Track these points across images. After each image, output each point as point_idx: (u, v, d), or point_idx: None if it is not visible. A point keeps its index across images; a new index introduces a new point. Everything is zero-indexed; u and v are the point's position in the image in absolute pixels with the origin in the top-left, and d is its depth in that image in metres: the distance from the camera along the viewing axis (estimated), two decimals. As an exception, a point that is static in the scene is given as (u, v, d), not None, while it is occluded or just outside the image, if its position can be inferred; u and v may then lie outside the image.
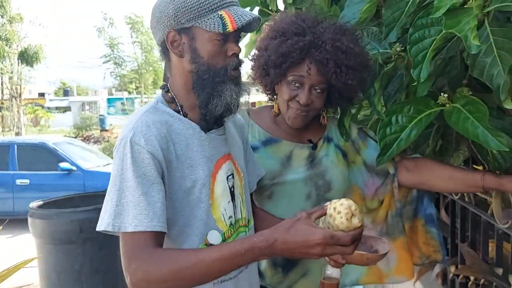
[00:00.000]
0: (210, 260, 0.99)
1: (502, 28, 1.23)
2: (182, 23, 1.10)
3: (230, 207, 1.20)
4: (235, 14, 1.08)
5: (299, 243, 0.96)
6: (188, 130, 1.15)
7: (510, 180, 1.29)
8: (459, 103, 1.34)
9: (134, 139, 1.06)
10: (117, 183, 1.04)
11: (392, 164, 1.50)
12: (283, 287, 1.50)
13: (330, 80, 1.35)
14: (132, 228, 1.00)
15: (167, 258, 1.01)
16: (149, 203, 1.02)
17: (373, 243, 1.19)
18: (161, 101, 1.18)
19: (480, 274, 1.55)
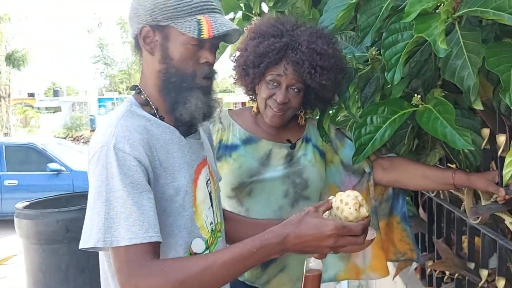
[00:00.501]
0: (222, 263, 0.94)
1: (472, 32, 1.28)
2: (158, 20, 1.05)
3: (210, 213, 1.16)
4: (214, 22, 1.03)
5: (312, 236, 0.93)
6: (167, 135, 1.09)
7: (479, 177, 1.35)
8: (430, 104, 1.40)
9: (118, 145, 0.97)
10: (103, 195, 0.95)
11: (368, 163, 1.56)
12: (261, 282, 1.55)
13: (306, 80, 1.40)
14: (126, 241, 0.92)
15: (170, 268, 0.94)
16: (142, 213, 0.94)
17: None
18: (134, 103, 1.11)
19: (453, 269, 1.60)
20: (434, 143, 1.72)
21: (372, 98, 1.58)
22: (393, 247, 1.65)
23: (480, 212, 1.37)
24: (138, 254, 0.93)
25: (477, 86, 1.25)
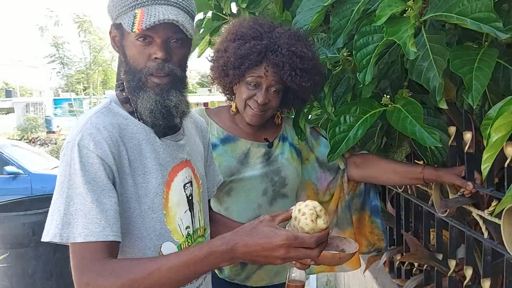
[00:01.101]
0: (168, 268, 0.91)
1: (437, 35, 1.35)
2: (114, 18, 1.04)
3: (187, 217, 1.13)
4: (148, 14, 0.97)
5: (261, 245, 0.89)
6: (141, 135, 1.06)
7: (447, 172, 1.43)
8: (399, 103, 1.46)
9: (82, 142, 0.97)
10: (65, 190, 0.95)
11: (342, 160, 1.61)
12: (241, 278, 1.57)
13: (286, 81, 1.43)
14: (81, 238, 0.92)
15: (120, 269, 0.92)
16: (101, 211, 0.93)
17: (338, 243, 1.18)
18: (114, 101, 1.10)
19: (422, 260, 1.68)
20: (401, 141, 1.80)
21: (344, 98, 1.63)
22: (365, 240, 1.71)
23: (449, 205, 1.45)
24: (93, 252, 0.92)
25: (442, 86, 1.32)
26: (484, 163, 0.90)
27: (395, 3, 1.29)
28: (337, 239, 1.19)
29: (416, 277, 1.85)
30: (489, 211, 1.32)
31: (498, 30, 1.15)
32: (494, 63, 1.21)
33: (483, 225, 1.35)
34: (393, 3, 1.29)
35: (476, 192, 1.39)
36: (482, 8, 1.18)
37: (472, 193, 1.39)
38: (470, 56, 1.26)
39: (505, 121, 0.85)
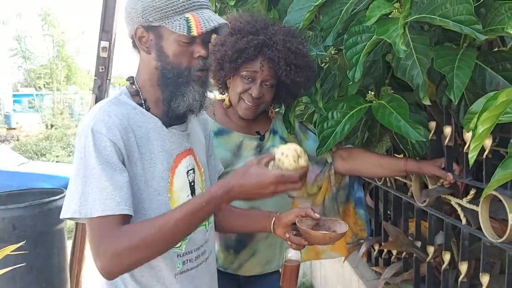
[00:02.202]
0: (175, 220, 1.02)
1: (420, 36, 1.44)
2: (150, 21, 1.10)
3: None
4: (201, 18, 1.08)
5: (254, 185, 1.03)
6: (149, 124, 1.16)
7: (427, 164, 1.52)
8: (384, 100, 1.55)
9: (96, 127, 1.06)
10: (81, 171, 1.04)
11: (330, 154, 1.69)
12: (234, 267, 1.63)
13: (281, 76, 1.49)
14: (99, 213, 1.01)
15: (133, 229, 1.02)
16: (115, 188, 1.03)
17: (330, 224, 1.27)
18: (125, 93, 1.19)
19: (402, 247, 1.79)
20: (382, 135, 1.89)
21: (330, 94, 1.71)
22: (349, 230, 1.80)
23: (430, 194, 1.55)
24: (109, 224, 1.02)
25: (425, 84, 1.41)
26: (471, 152, 0.98)
27: (383, 4, 1.37)
28: (329, 221, 1.29)
29: (394, 264, 1.96)
30: (468, 199, 1.42)
31: (477, 32, 1.25)
32: (473, 62, 1.31)
33: (461, 212, 1.46)
34: (382, 4, 1.37)
35: (454, 182, 1.50)
36: (464, 11, 1.28)
37: (450, 183, 1.50)
38: (451, 56, 1.36)
39: (490, 115, 0.93)
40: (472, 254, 1.46)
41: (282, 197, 1.64)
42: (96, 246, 1.02)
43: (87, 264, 3.50)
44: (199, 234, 1.25)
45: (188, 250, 1.21)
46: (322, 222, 1.27)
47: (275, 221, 1.30)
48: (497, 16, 1.32)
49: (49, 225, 3.18)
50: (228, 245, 1.61)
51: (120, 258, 1.00)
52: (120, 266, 1.02)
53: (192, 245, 1.22)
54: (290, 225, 1.27)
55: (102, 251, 1.01)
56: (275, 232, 1.31)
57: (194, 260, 1.23)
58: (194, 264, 1.23)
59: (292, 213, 1.28)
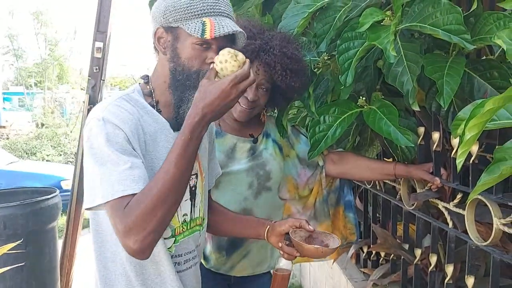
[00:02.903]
0: (174, 163, 1.03)
1: (411, 43, 1.48)
2: (170, 22, 1.12)
3: (187, 205, 1.22)
4: (218, 24, 1.09)
5: (219, 97, 1.04)
6: (157, 125, 1.17)
7: (416, 168, 1.56)
8: (375, 105, 1.59)
9: (108, 117, 1.07)
10: (97, 159, 1.04)
11: (321, 157, 1.72)
12: (226, 268, 1.65)
13: (276, 81, 1.52)
14: (119, 193, 1.01)
15: (140, 195, 1.02)
16: (132, 167, 1.03)
17: (323, 238, 1.30)
18: (138, 90, 1.20)
19: (391, 250, 1.82)
20: (372, 140, 1.93)
21: (322, 99, 1.74)
22: (339, 233, 1.83)
23: (418, 198, 1.59)
24: (127, 202, 1.02)
25: (415, 90, 1.45)
26: (458, 157, 1.01)
27: (376, 12, 1.41)
28: (322, 235, 1.32)
29: (383, 266, 2.00)
30: (454, 203, 1.46)
31: (466, 41, 1.29)
32: (462, 70, 1.35)
33: (448, 215, 1.50)
34: (374, 12, 1.41)
35: (441, 186, 1.54)
36: (453, 21, 1.32)
37: (438, 187, 1.54)
38: (441, 63, 1.40)
39: (477, 122, 0.96)
40: (458, 257, 1.49)
41: (274, 199, 1.67)
42: (118, 228, 1.02)
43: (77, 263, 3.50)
44: (192, 239, 1.25)
45: (177, 253, 1.21)
46: (316, 234, 1.30)
47: (269, 229, 1.32)
48: (485, 26, 1.37)
49: (40, 224, 3.17)
50: (220, 246, 1.63)
51: (143, 227, 1.00)
52: (147, 236, 1.00)
53: (182, 249, 1.22)
54: (284, 234, 1.29)
55: (125, 230, 1.00)
56: (268, 240, 1.33)
57: (182, 263, 1.23)
58: (182, 268, 1.23)
59: (286, 223, 1.29)
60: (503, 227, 1.25)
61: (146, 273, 1.16)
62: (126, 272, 1.15)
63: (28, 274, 3.06)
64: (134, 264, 1.15)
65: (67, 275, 3.37)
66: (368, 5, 1.53)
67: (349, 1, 1.55)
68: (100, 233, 1.17)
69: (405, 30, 1.51)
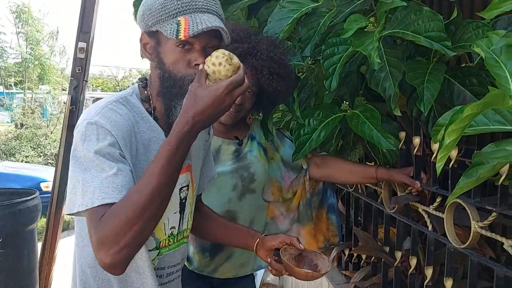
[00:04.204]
0: (156, 175, 0.94)
1: (393, 49, 1.51)
2: (149, 26, 1.06)
3: (175, 218, 1.18)
4: (192, 21, 1.01)
5: (212, 105, 0.95)
6: (152, 133, 1.11)
7: (398, 172, 1.59)
8: (358, 109, 1.61)
9: (100, 121, 1.01)
10: (83, 163, 0.99)
11: (305, 160, 1.74)
12: (209, 270, 1.65)
13: (263, 85, 1.53)
14: (99, 201, 0.94)
15: (118, 205, 0.94)
16: (116, 175, 0.97)
17: (313, 257, 1.29)
18: (136, 93, 1.14)
19: (372, 252, 1.85)
20: (355, 144, 1.96)
21: (307, 103, 1.77)
22: (322, 235, 1.85)
23: (399, 201, 1.62)
24: (105, 212, 0.95)
25: (397, 95, 1.48)
26: (438, 162, 1.04)
27: (360, 19, 1.44)
28: (312, 254, 1.30)
29: (364, 268, 2.02)
30: (434, 206, 1.50)
31: (447, 48, 1.33)
32: (442, 76, 1.38)
33: (428, 219, 1.53)
34: (358, 18, 1.44)
35: (421, 190, 1.57)
36: (435, 28, 1.36)
37: (418, 191, 1.57)
38: (422, 69, 1.43)
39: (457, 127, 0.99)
40: (437, 259, 1.52)
41: (258, 201, 1.68)
42: (93, 240, 0.94)
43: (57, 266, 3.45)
44: (178, 252, 1.22)
45: (160, 266, 1.18)
46: (306, 253, 1.28)
47: (259, 242, 1.30)
48: (465, 34, 1.41)
49: (19, 226, 3.12)
50: (204, 248, 1.63)
51: (115, 240, 0.92)
52: (119, 251, 0.92)
53: (165, 263, 1.19)
54: (273, 249, 1.27)
55: (97, 242, 0.93)
56: (257, 253, 1.31)
57: (164, 276, 1.19)
58: (164, 280, 1.19)
59: (277, 238, 1.27)
60: (481, 230, 1.28)
61: (129, 280, 1.11)
62: (108, 279, 1.11)
63: (6, 277, 3.01)
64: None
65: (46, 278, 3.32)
66: (352, 11, 1.55)
67: (333, 7, 1.57)
68: (83, 237, 1.13)
69: (388, 37, 1.54)
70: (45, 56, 13.84)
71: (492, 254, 1.53)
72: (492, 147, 1.06)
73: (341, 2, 1.58)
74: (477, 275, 1.32)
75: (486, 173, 1.03)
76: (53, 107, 14.25)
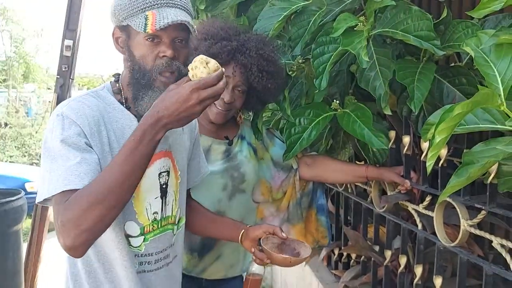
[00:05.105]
0: (118, 165, 0.99)
1: (383, 48, 1.51)
2: (120, 20, 1.12)
3: (156, 203, 1.21)
4: (159, 15, 1.06)
5: (177, 102, 0.98)
6: (125, 121, 1.16)
7: (388, 170, 1.60)
8: (349, 108, 1.61)
9: (67, 113, 1.08)
10: (49, 153, 1.05)
11: (295, 160, 1.73)
12: (198, 270, 1.64)
13: (252, 83, 1.52)
14: (61, 187, 1.00)
15: (81, 191, 0.99)
16: (80, 163, 1.02)
17: (296, 246, 1.33)
18: (107, 88, 1.20)
19: (361, 251, 1.85)
20: (345, 143, 1.96)
21: (297, 102, 1.76)
22: (311, 236, 1.85)
23: (389, 200, 1.62)
24: (67, 198, 1.00)
25: (387, 94, 1.48)
26: (428, 160, 1.04)
27: (349, 17, 1.44)
28: (295, 242, 1.35)
29: (353, 268, 2.03)
30: (423, 205, 1.50)
31: (436, 47, 1.33)
32: (432, 76, 1.39)
33: (417, 217, 1.54)
34: (348, 17, 1.44)
35: (411, 189, 1.58)
36: (424, 27, 1.36)
37: (407, 190, 1.57)
38: (412, 69, 1.44)
39: (447, 126, 0.99)
40: (426, 258, 1.53)
41: (248, 201, 1.67)
42: (56, 223, 1.00)
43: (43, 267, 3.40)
44: (164, 237, 1.25)
45: (147, 252, 1.21)
46: (289, 241, 1.33)
47: (243, 233, 1.34)
48: (454, 34, 1.41)
49: (4, 226, 3.08)
50: (192, 248, 1.62)
51: (76, 224, 0.96)
52: (80, 234, 0.97)
53: (152, 248, 1.21)
54: (258, 239, 1.31)
55: (60, 225, 0.98)
56: (242, 243, 1.35)
57: (153, 263, 1.22)
58: (153, 267, 1.22)
59: (260, 229, 1.32)
60: (470, 228, 1.29)
61: (114, 271, 1.16)
62: (94, 270, 1.16)
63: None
64: (103, 262, 1.15)
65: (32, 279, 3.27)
66: (342, 10, 1.55)
67: (323, 6, 1.57)
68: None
69: (377, 36, 1.54)
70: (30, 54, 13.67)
71: (480, 252, 1.54)
72: (481, 146, 1.07)
73: (331, 1, 1.58)
74: (466, 273, 1.33)
75: (476, 172, 1.04)
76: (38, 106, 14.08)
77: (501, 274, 1.16)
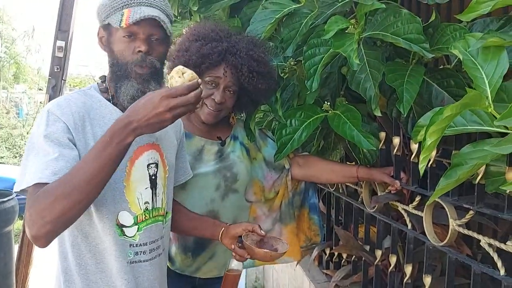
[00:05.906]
0: (87, 163, 1.03)
1: (373, 51, 1.53)
2: (103, 19, 1.21)
3: (147, 193, 1.25)
4: (134, 12, 1.16)
5: (147, 107, 1.01)
6: (112, 115, 1.22)
7: (378, 171, 1.62)
8: (339, 110, 1.63)
9: (52, 109, 1.14)
10: (34, 147, 1.11)
11: (287, 160, 1.75)
12: (192, 270, 1.65)
13: (243, 83, 1.53)
14: (35, 180, 1.05)
15: (50, 184, 1.04)
16: (57, 159, 1.07)
17: (273, 242, 1.40)
18: (94, 87, 1.27)
19: (352, 251, 1.87)
20: (336, 144, 1.98)
21: (289, 103, 1.78)
22: (303, 235, 1.87)
23: (379, 200, 1.64)
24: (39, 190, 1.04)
25: (377, 96, 1.50)
26: (421, 162, 1.06)
27: (340, 20, 1.45)
28: (273, 239, 1.42)
29: (344, 267, 2.04)
30: (413, 205, 1.52)
31: (425, 50, 1.35)
32: (421, 78, 1.41)
33: (407, 217, 1.56)
34: (339, 20, 1.45)
35: (401, 190, 1.60)
36: (413, 30, 1.38)
37: (397, 190, 1.60)
38: (401, 71, 1.46)
39: (437, 128, 1.01)
40: (416, 257, 1.55)
41: (240, 201, 1.69)
42: (26, 214, 1.04)
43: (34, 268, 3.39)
44: (155, 228, 1.28)
45: (142, 242, 1.24)
46: (267, 239, 1.39)
47: (223, 231, 1.41)
48: (443, 37, 1.43)
49: (-5, 228, 3.06)
50: (186, 248, 1.63)
51: (41, 215, 1.01)
52: (43, 225, 1.01)
53: (146, 238, 1.25)
54: (237, 237, 1.38)
55: (27, 215, 1.03)
56: (222, 241, 1.41)
57: (148, 252, 1.26)
58: (148, 257, 1.26)
59: (240, 226, 1.38)
60: (459, 228, 1.31)
61: (105, 261, 1.20)
62: (85, 261, 1.19)
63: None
64: (94, 252, 1.19)
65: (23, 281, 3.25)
66: (333, 12, 1.57)
67: (315, 8, 1.59)
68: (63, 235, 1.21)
69: (368, 38, 1.56)
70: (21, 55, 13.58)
71: (469, 252, 1.56)
72: (470, 147, 1.09)
73: (322, 4, 1.60)
74: (454, 272, 1.35)
75: (465, 174, 1.06)
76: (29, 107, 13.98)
77: (489, 273, 1.19)
